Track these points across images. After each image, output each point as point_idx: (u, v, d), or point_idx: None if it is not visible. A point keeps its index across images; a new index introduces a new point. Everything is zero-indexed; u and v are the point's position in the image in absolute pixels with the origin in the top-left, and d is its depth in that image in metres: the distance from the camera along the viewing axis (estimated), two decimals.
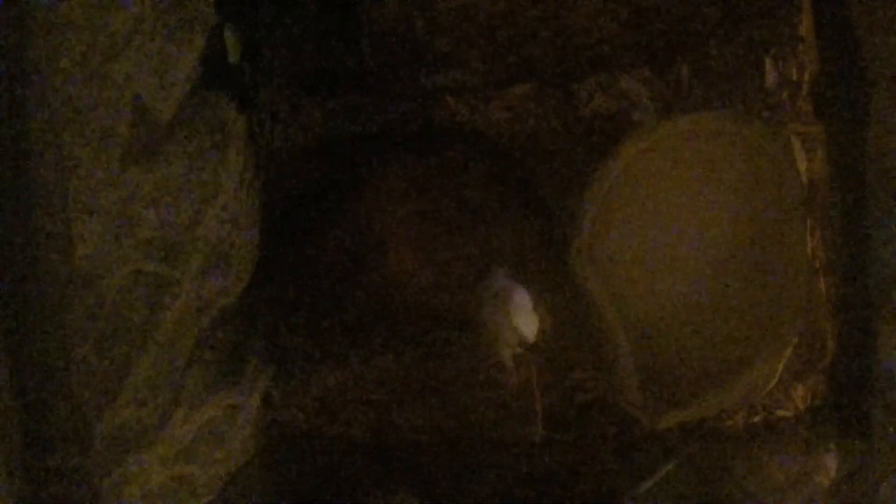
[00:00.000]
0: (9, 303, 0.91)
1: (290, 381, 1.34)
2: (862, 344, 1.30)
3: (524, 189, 1.31)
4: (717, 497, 1.30)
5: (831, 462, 1.31)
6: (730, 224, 1.25)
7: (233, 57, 1.21)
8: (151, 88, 1.04)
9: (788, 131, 1.27)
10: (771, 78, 1.28)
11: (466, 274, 1.28)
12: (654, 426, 1.27)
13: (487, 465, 1.32)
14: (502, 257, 1.28)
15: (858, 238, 1.29)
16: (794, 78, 1.28)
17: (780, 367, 1.25)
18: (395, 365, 1.31)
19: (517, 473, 1.31)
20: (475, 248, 1.28)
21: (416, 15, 1.27)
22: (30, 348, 0.92)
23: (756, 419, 1.32)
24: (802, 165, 1.26)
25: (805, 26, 1.28)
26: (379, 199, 1.29)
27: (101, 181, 0.97)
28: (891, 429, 1.29)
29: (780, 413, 1.33)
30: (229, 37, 1.20)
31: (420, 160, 1.30)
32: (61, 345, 0.93)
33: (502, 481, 1.31)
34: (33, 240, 0.91)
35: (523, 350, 1.19)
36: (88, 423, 0.97)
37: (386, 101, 1.31)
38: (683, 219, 1.26)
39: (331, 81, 1.31)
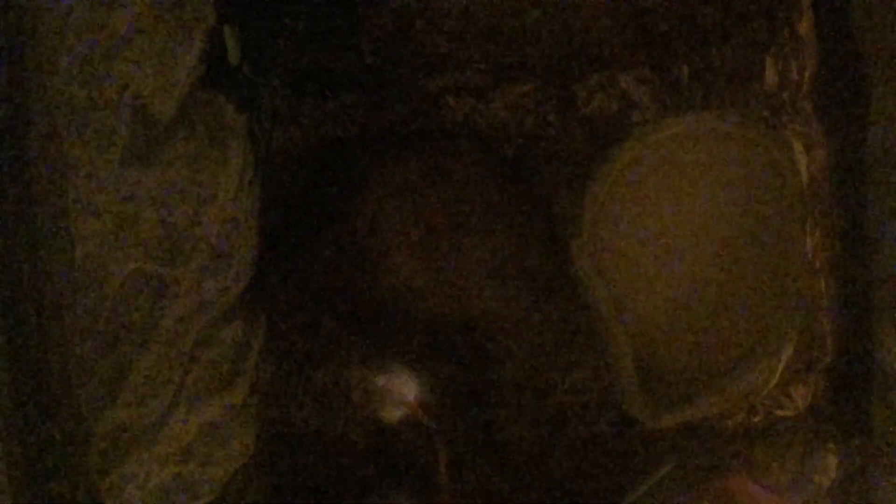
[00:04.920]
0: (9, 303, 0.91)
1: (290, 381, 1.33)
2: (862, 344, 1.30)
3: (524, 189, 1.31)
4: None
5: (831, 462, 1.31)
6: (730, 224, 1.25)
7: (233, 57, 1.21)
8: (151, 88, 1.04)
9: (788, 131, 1.27)
10: (771, 78, 1.28)
11: (466, 274, 1.28)
12: (654, 426, 1.27)
13: (486, 465, 1.32)
14: (502, 258, 1.28)
15: (858, 238, 1.29)
16: (794, 78, 1.28)
17: (780, 367, 1.25)
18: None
19: (516, 474, 1.31)
20: (475, 249, 1.28)
21: (415, 15, 1.27)
22: (30, 348, 0.92)
23: (756, 419, 1.32)
24: (802, 165, 1.26)
25: (805, 26, 1.28)
26: (379, 200, 1.29)
27: (101, 181, 0.97)
28: (891, 429, 1.29)
29: (780, 413, 1.33)
30: (229, 37, 1.20)
31: (420, 160, 1.30)
32: (61, 345, 0.93)
33: (501, 481, 1.31)
34: (33, 240, 0.90)
35: (409, 410, 1.28)
36: (88, 423, 0.97)
37: (385, 101, 1.31)
38: (683, 219, 1.26)
39: (331, 81, 1.31)
